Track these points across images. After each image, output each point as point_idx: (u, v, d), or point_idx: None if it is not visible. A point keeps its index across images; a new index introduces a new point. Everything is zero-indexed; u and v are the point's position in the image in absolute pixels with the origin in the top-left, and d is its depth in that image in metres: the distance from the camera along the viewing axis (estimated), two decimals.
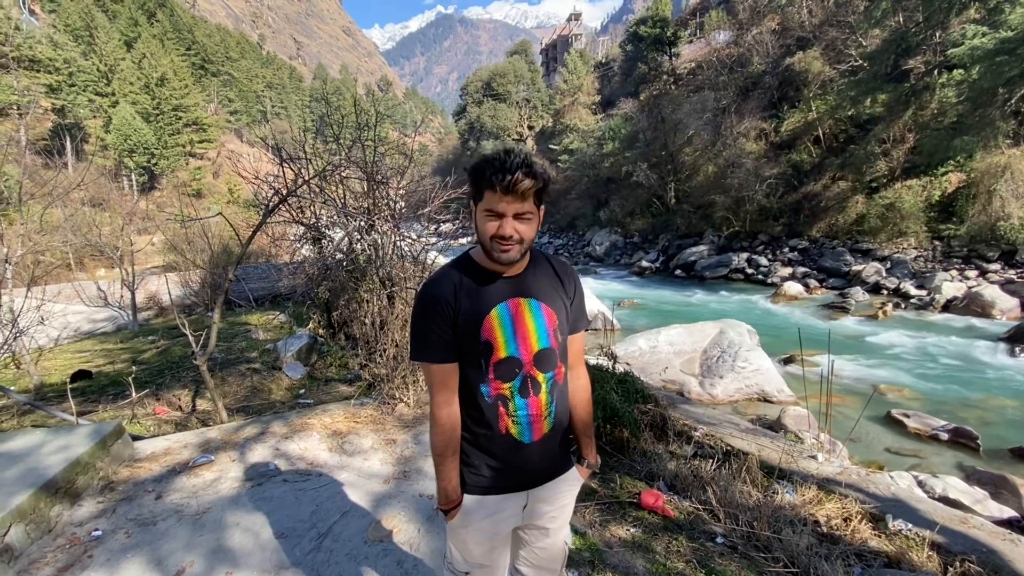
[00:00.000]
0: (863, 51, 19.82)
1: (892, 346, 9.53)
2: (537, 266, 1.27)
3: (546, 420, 1.26)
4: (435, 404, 1.22)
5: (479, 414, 1.23)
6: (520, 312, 1.21)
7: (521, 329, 1.21)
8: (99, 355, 6.70)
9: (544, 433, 1.26)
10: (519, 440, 1.24)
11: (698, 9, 44.52)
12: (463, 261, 1.25)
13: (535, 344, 1.22)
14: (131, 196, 34.41)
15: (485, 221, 1.12)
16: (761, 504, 2.67)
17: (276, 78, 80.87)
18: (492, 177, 1.06)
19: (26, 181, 8.42)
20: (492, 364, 1.20)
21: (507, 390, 1.21)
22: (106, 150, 40.43)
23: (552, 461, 1.32)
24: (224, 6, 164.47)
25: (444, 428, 1.22)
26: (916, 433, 5.94)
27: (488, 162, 1.08)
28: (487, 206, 1.10)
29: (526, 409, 1.23)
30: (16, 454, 2.63)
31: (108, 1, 53.34)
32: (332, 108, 17.04)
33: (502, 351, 1.19)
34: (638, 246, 25.76)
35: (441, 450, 1.23)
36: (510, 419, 1.23)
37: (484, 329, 1.18)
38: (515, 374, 1.21)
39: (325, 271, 6.28)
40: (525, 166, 1.06)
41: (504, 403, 1.22)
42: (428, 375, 1.22)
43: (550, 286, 1.28)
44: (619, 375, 4.14)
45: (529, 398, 1.23)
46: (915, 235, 14.85)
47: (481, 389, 1.21)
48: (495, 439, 1.24)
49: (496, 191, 1.07)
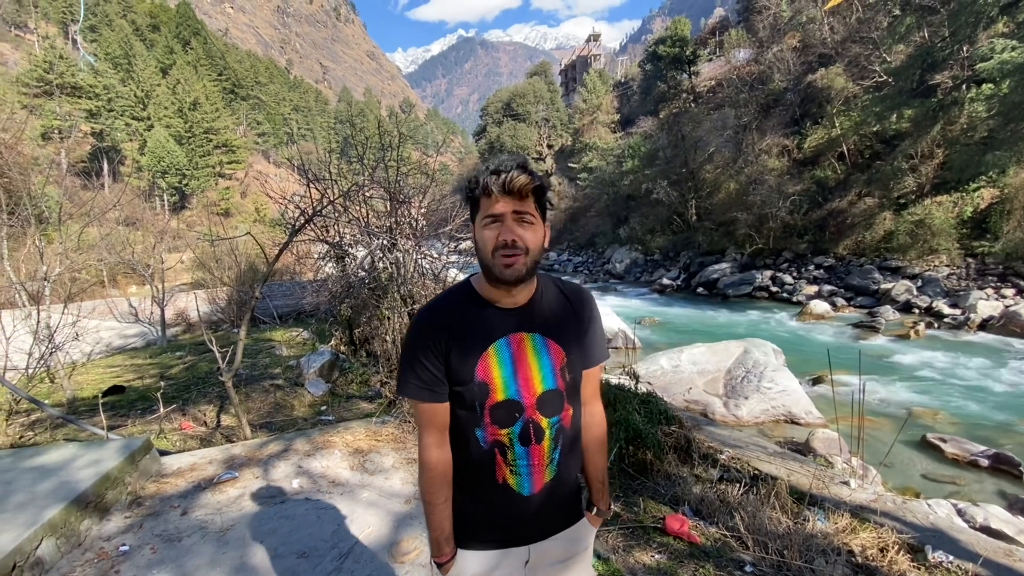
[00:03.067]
0: (887, 67, 19.59)
1: (925, 367, 9.20)
2: (544, 293, 1.14)
3: (548, 469, 1.12)
4: (424, 446, 1.10)
5: (473, 461, 1.11)
6: (522, 349, 1.09)
7: (523, 369, 1.08)
8: (129, 370, 6.88)
9: (545, 483, 1.13)
10: (517, 492, 1.11)
11: (717, 28, 44.73)
12: (459, 289, 1.14)
13: (538, 386, 1.09)
14: (163, 215, 35.58)
15: (484, 231, 1.02)
16: (791, 531, 2.58)
17: (302, 101, 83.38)
18: (486, 181, 0.99)
19: (65, 202, 8.78)
20: (488, 407, 1.07)
21: (505, 436, 1.08)
22: (140, 171, 42.13)
23: (555, 514, 1.18)
24: (254, 33, 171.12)
25: (435, 472, 1.10)
26: (954, 459, 5.69)
27: (482, 169, 1.03)
28: (484, 212, 1.02)
29: (526, 458, 1.10)
30: (49, 468, 2.70)
31: (146, 30, 56.04)
32: (356, 130, 17.48)
33: (500, 393, 1.06)
34: (659, 264, 25.56)
35: (431, 496, 1.10)
36: (508, 468, 1.10)
37: (479, 368, 1.06)
38: (515, 419, 1.08)
39: (348, 289, 6.37)
40: (519, 166, 0.99)
41: (502, 451, 1.09)
42: (417, 413, 1.11)
43: (559, 317, 1.15)
44: (642, 395, 4.08)
45: (531, 446, 1.09)
46: (947, 252, 14.43)
47: (476, 434, 1.09)
48: (491, 489, 1.11)
49: (492, 195, 0.99)
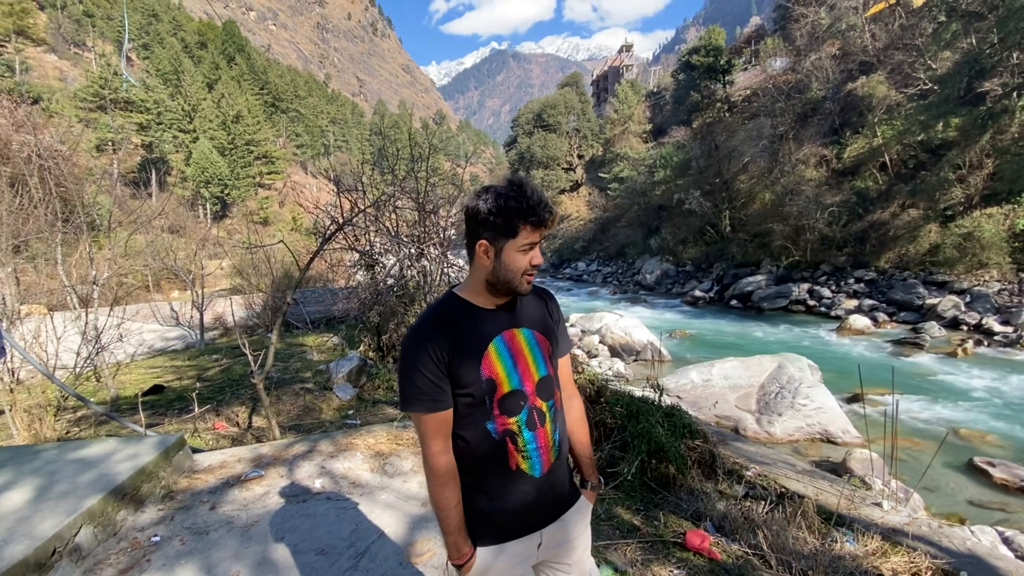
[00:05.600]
0: (933, 74, 18.89)
1: (974, 387, 8.73)
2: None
3: (552, 450, 1.23)
4: (432, 455, 1.15)
5: (485, 453, 1.18)
6: (517, 343, 1.20)
7: (521, 360, 1.20)
8: (168, 371, 7.17)
9: (551, 463, 1.24)
10: (530, 475, 1.20)
11: (753, 37, 44.04)
12: (447, 302, 1.22)
13: (535, 373, 1.21)
14: (205, 223, 37.06)
15: (518, 255, 1.12)
16: (818, 552, 2.49)
17: (339, 114, 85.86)
18: (532, 217, 1.09)
19: (115, 210, 9.28)
20: (497, 400, 1.17)
21: (514, 424, 1.18)
22: (185, 181, 44.06)
23: (561, 494, 1.29)
24: (295, 48, 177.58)
25: (447, 478, 1.16)
26: (1003, 484, 5.38)
27: (517, 198, 1.09)
28: (526, 239, 1.11)
29: (535, 442, 1.20)
30: (91, 460, 2.84)
31: (194, 47, 58.89)
32: (389, 141, 17.90)
33: (505, 385, 1.17)
34: (691, 275, 25.10)
35: (446, 501, 1.16)
36: (520, 455, 1.19)
37: (484, 367, 1.15)
38: (520, 407, 1.19)
39: (377, 296, 6.51)
40: (548, 200, 1.11)
41: (512, 438, 1.18)
42: (421, 426, 1.15)
43: (538, 312, 1.29)
44: (665, 408, 4.02)
45: (536, 430, 1.20)
46: (998, 267, 13.70)
47: (487, 426, 1.17)
48: (505, 477, 1.20)
49: (536, 228, 1.10)
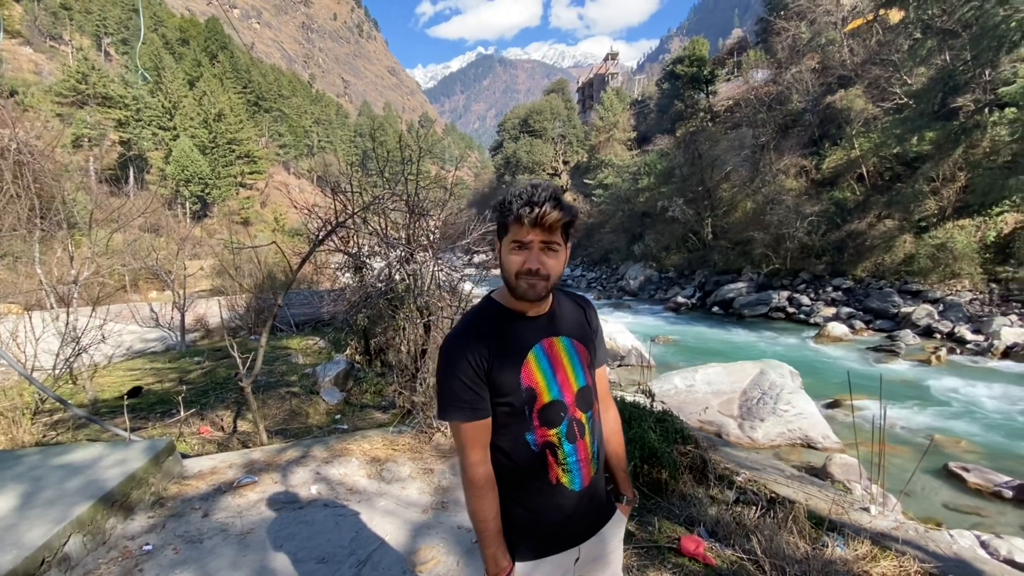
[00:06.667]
0: (908, 89, 19.49)
1: (947, 393, 9.00)
2: (561, 301, 1.25)
3: (592, 463, 1.20)
4: (471, 464, 1.12)
5: (525, 466, 1.15)
6: (556, 352, 1.17)
7: (560, 370, 1.16)
8: (148, 373, 7.00)
9: (592, 477, 1.21)
10: (570, 489, 1.17)
11: (736, 48, 44.89)
12: (486, 307, 1.20)
13: (574, 384, 1.18)
14: (185, 223, 36.34)
15: (510, 254, 1.08)
16: (810, 557, 2.54)
17: (324, 114, 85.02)
18: (520, 210, 1.03)
19: (94, 208, 9.05)
20: (536, 411, 1.13)
21: (554, 436, 1.14)
22: (165, 180, 43.13)
23: (600, 507, 1.26)
24: (279, 48, 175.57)
25: (486, 488, 1.13)
26: (977, 489, 5.55)
27: (516, 195, 1.05)
28: (513, 237, 1.07)
29: (575, 455, 1.16)
30: (77, 466, 2.76)
31: (176, 44, 57.82)
32: (377, 143, 17.80)
33: (546, 396, 1.14)
34: (673, 281, 25.41)
35: (486, 513, 1.12)
36: (560, 468, 1.16)
37: (524, 375, 1.12)
38: (560, 419, 1.15)
39: (365, 299, 6.45)
40: (553, 199, 1.03)
41: (552, 451, 1.15)
42: (460, 435, 1.12)
43: (576, 321, 1.25)
44: (657, 414, 4.06)
45: (576, 442, 1.17)
46: (969, 277, 14.16)
47: (527, 438, 1.14)
48: (544, 490, 1.16)
49: (523, 224, 1.04)
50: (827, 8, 26.22)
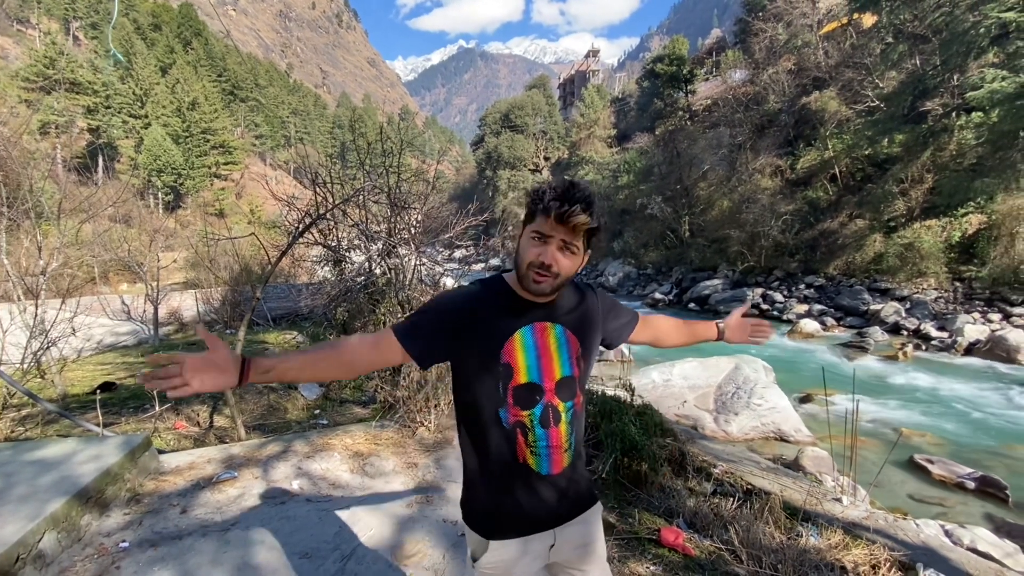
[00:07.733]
0: (880, 92, 20.04)
1: (913, 388, 9.32)
2: (566, 290, 1.23)
3: (566, 453, 1.20)
4: (359, 338, 1.15)
5: (496, 440, 1.16)
6: (545, 337, 1.17)
7: (545, 355, 1.16)
8: (120, 368, 6.82)
9: (564, 466, 1.20)
10: (536, 471, 1.17)
11: (715, 48, 45.49)
12: (496, 280, 1.22)
13: (557, 371, 1.17)
14: (157, 214, 35.33)
15: (529, 243, 1.08)
16: (785, 546, 2.62)
17: (301, 105, 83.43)
18: (550, 202, 1.03)
19: (62, 197, 8.73)
20: (511, 388, 1.14)
21: (526, 418, 1.15)
22: (136, 169, 41.84)
23: (578, 496, 1.25)
24: (256, 36, 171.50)
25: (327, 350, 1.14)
26: (941, 480, 5.77)
27: (552, 187, 1.06)
28: (536, 228, 1.07)
29: (546, 440, 1.17)
30: (50, 462, 2.69)
31: (147, 29, 56.00)
32: (357, 135, 17.54)
33: (522, 376, 1.14)
34: (651, 278, 25.73)
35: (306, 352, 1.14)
36: (528, 449, 1.16)
37: (505, 351, 1.13)
38: (535, 402, 1.15)
39: (345, 293, 6.38)
40: (585, 202, 1.03)
41: (523, 431, 1.15)
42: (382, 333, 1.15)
43: (576, 311, 1.24)
44: (638, 407, 4.13)
45: (549, 428, 1.17)
46: (935, 276, 14.68)
47: (500, 413, 1.15)
48: (511, 468, 1.17)
49: (549, 217, 1.04)
50: (803, 11, 26.73)
